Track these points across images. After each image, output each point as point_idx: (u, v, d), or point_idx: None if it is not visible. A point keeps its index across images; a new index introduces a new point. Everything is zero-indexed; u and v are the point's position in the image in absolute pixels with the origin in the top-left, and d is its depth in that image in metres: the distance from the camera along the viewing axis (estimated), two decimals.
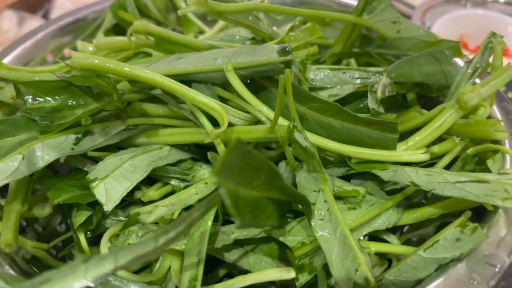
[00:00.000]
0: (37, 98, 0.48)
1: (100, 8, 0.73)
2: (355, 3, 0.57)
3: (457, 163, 0.48)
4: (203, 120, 0.49)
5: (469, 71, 0.52)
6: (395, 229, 0.54)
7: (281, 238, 0.44)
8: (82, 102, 0.48)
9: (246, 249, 0.48)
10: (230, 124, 0.50)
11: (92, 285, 0.29)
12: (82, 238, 0.49)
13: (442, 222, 0.50)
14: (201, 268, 0.39)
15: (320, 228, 0.43)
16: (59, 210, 0.51)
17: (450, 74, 0.50)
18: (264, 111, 0.49)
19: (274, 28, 0.66)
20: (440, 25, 1.15)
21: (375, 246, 0.48)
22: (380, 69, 0.57)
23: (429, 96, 0.59)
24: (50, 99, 0.48)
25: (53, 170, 0.56)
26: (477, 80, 0.53)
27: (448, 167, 0.49)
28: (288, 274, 0.41)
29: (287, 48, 0.49)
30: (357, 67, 0.56)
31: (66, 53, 0.70)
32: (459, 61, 0.58)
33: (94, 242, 0.51)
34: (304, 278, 0.43)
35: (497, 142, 0.49)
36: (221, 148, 0.49)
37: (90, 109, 0.48)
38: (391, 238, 0.51)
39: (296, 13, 0.55)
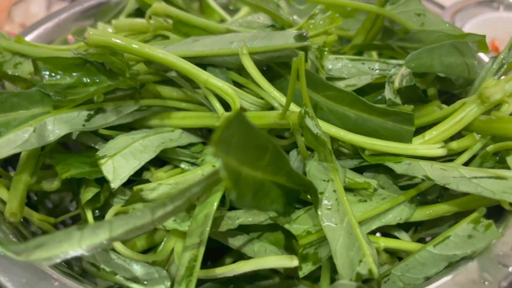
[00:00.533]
0: (54, 74, 0.48)
1: None
2: None
3: (476, 160, 0.46)
4: (215, 103, 0.49)
5: (494, 66, 0.50)
6: (408, 227, 0.52)
7: (287, 226, 0.43)
8: (97, 80, 0.49)
9: (251, 236, 0.47)
10: (243, 109, 0.50)
11: (86, 253, 0.29)
12: (89, 215, 0.49)
13: (457, 221, 0.48)
14: (202, 249, 0.39)
15: (326, 218, 0.41)
16: (68, 186, 0.52)
17: (474, 68, 0.48)
18: (277, 97, 0.48)
19: (295, 17, 0.65)
20: (471, 27, 1.11)
21: (385, 242, 0.46)
22: (401, 61, 0.55)
23: (452, 93, 0.57)
24: (66, 76, 0.49)
25: (66, 147, 0.56)
26: (503, 78, 0.50)
27: (466, 164, 0.47)
28: (291, 262, 0.40)
29: (305, 34, 0.48)
30: (377, 59, 0.55)
31: (87, 35, 0.70)
32: (485, 58, 0.56)
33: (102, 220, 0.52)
34: (307, 268, 0.42)
35: None
36: None
37: (103, 87, 0.48)
38: (403, 235, 0.49)
39: (316, 0, 0.53)
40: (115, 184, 0.44)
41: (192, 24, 0.54)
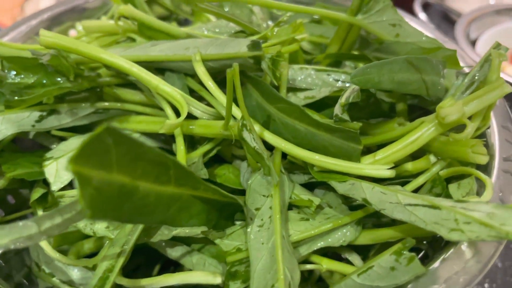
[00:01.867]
0: (18, 74, 0.49)
1: None
2: None
3: (426, 185, 0.43)
4: (167, 108, 0.48)
5: (464, 82, 0.47)
6: (363, 249, 0.49)
7: (217, 241, 0.42)
8: (57, 81, 0.49)
9: (192, 248, 0.46)
10: (194, 117, 0.49)
11: None
12: (39, 213, 0.49)
13: None
14: (121, 260, 0.38)
15: (255, 236, 0.40)
16: (24, 185, 0.52)
17: (435, 85, 0.45)
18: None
19: (270, 22, 0.64)
20: (488, 37, 1.05)
21: (327, 263, 0.44)
22: None
23: (427, 109, 0.54)
24: (29, 76, 0.49)
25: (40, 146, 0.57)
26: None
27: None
28: (214, 279, 0.39)
29: (258, 43, 0.46)
30: (344, 70, 0.52)
31: (71, 34, 0.71)
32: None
33: None
34: (236, 286, 0.40)
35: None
36: (179, 140, 0.47)
37: (52, 89, 0.48)
38: (354, 257, 0.47)
39: (283, 8, 0.52)
40: (55, 186, 0.44)
41: (154, 27, 0.53)
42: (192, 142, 0.52)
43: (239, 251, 0.41)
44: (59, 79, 0.49)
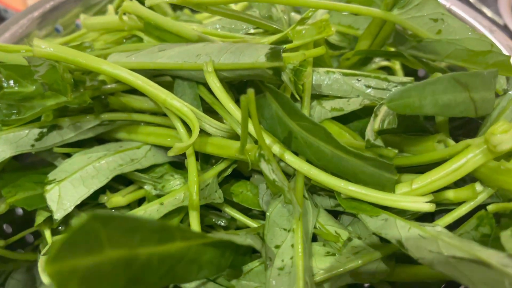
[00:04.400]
0: (16, 82, 0.45)
1: None
2: None
3: (472, 221, 0.37)
4: (178, 125, 0.43)
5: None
6: None
7: (234, 282, 0.38)
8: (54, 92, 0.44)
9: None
10: (207, 133, 0.44)
11: None
12: (47, 234, 0.46)
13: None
14: None
15: (275, 280, 0.36)
16: None
17: (486, 102, 0.38)
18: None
19: (293, 14, 0.57)
20: None
21: None
22: (404, 79, 0.46)
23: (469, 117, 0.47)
24: (27, 84, 0.45)
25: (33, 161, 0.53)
26: None
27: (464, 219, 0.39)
28: None
29: (279, 51, 0.40)
30: (376, 75, 0.46)
31: (78, 21, 0.66)
32: None
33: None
34: None
35: None
36: (191, 160, 0.42)
37: (59, 102, 0.44)
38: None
39: (308, 5, 0.45)
40: (57, 215, 0.41)
41: (162, 27, 0.47)
42: (205, 156, 0.47)
43: None
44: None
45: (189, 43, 0.46)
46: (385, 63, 0.61)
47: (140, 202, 0.49)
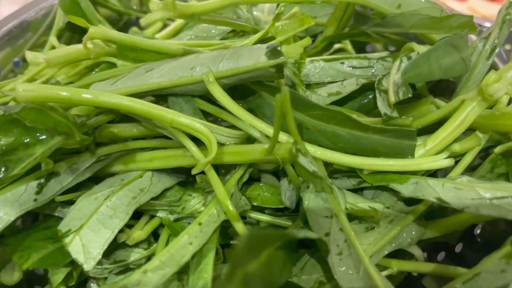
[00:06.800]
0: None
1: (48, 3, 0.63)
2: None
3: (485, 166, 0.42)
4: (189, 145, 0.42)
5: (487, 48, 0.45)
6: None
7: (294, 280, 0.38)
8: (41, 137, 0.40)
9: None
10: (219, 143, 0.43)
11: None
12: None
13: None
14: None
15: (339, 265, 0.37)
16: None
17: (469, 59, 0.43)
18: (258, 126, 0.42)
19: (255, 13, 0.57)
20: None
21: (397, 265, 0.43)
22: (382, 54, 0.49)
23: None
24: (8, 134, 0.40)
25: None
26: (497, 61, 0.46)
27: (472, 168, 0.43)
28: None
29: (277, 49, 0.40)
30: (356, 55, 0.48)
31: (16, 60, 0.60)
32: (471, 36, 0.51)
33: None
34: None
35: None
36: (211, 174, 0.41)
37: (50, 147, 0.40)
38: (414, 249, 0.45)
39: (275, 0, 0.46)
40: (88, 265, 0.38)
41: (140, 47, 0.45)
42: (215, 168, 0.46)
43: (322, 284, 0.38)
44: (43, 133, 0.40)
45: (176, 57, 0.44)
46: (338, 45, 0.64)
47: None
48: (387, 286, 0.35)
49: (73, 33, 0.64)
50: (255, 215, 0.45)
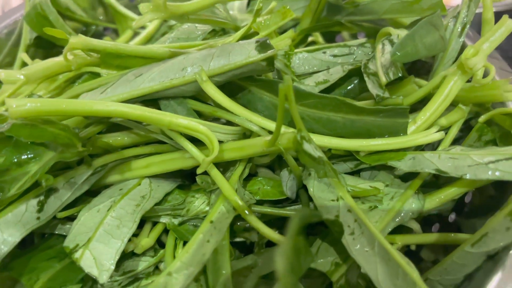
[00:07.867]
0: None
1: (12, 20, 0.60)
2: None
3: (472, 135, 0.44)
4: (188, 146, 0.41)
5: (457, 27, 0.48)
6: None
7: (312, 265, 0.39)
8: (32, 155, 0.39)
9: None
10: (218, 141, 0.43)
11: None
12: None
13: None
14: None
15: (353, 244, 0.38)
16: None
17: (446, 37, 0.45)
18: (255, 120, 0.42)
19: (231, 12, 0.58)
20: None
21: (402, 240, 0.45)
22: (361, 40, 0.51)
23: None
24: None
25: None
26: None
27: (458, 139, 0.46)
28: None
29: (267, 42, 0.41)
30: (337, 44, 0.50)
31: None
32: None
33: None
34: None
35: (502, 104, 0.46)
36: (215, 172, 0.41)
37: (46, 163, 0.39)
38: (412, 223, 0.47)
39: None
40: (103, 279, 0.37)
41: (126, 54, 0.44)
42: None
43: (338, 265, 0.39)
44: (35, 150, 0.39)
45: (164, 60, 0.44)
46: (310, 38, 0.65)
47: None
48: (402, 257, 0.36)
49: (38, 49, 0.62)
50: (259, 209, 0.45)
